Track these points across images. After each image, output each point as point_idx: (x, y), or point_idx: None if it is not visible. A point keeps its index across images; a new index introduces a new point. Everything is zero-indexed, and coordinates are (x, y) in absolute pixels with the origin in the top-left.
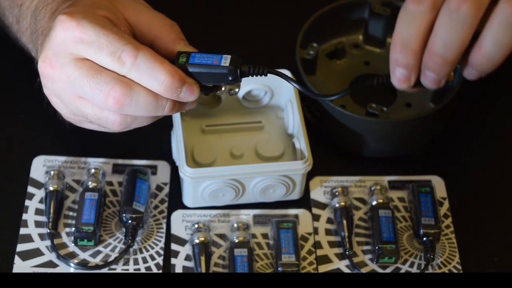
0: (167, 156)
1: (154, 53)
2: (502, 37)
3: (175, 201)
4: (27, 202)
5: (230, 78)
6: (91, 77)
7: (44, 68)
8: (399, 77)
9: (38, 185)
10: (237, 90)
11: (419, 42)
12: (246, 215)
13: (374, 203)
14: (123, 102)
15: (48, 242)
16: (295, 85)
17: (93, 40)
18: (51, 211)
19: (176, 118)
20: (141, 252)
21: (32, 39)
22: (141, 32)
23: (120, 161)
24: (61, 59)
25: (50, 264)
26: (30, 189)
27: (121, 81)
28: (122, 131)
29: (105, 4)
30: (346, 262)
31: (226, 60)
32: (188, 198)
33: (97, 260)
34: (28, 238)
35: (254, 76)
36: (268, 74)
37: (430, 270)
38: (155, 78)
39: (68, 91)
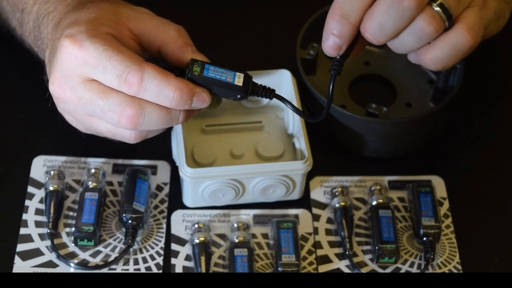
0: (167, 156)
1: (159, 69)
2: (386, 21)
3: (175, 201)
4: (27, 202)
5: (238, 96)
6: (102, 99)
7: (55, 91)
8: (331, 45)
9: (38, 185)
10: None
11: (358, 17)
12: (246, 215)
13: (374, 203)
14: (136, 121)
15: (48, 242)
16: (294, 110)
17: (97, 63)
18: (51, 211)
19: None
20: (141, 252)
21: (36, 44)
22: (147, 41)
23: (120, 161)
24: (70, 82)
25: (50, 264)
26: (30, 189)
27: (132, 102)
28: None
29: (108, 18)
30: (346, 262)
31: (239, 79)
32: (188, 198)
33: (97, 260)
34: (28, 238)
35: (260, 97)
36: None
37: (430, 270)
38: (164, 96)
39: (81, 112)
